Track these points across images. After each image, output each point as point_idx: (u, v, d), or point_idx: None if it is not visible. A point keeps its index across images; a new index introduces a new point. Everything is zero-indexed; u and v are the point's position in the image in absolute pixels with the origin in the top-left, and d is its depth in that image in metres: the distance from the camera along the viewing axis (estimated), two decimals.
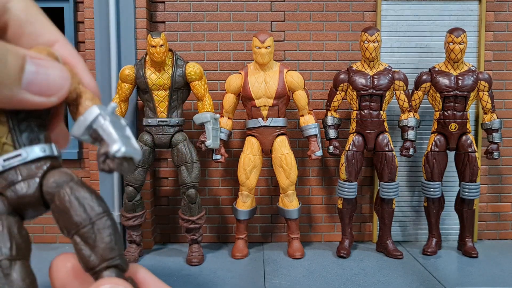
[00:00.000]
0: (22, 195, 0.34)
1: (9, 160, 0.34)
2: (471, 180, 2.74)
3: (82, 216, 0.33)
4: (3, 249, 0.32)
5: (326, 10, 3.00)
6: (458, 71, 2.70)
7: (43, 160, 0.35)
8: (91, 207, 0.33)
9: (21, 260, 0.32)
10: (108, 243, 0.33)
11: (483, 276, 2.48)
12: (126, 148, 0.33)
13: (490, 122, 2.74)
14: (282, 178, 2.71)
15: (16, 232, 0.33)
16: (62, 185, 0.34)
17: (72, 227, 0.33)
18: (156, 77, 2.57)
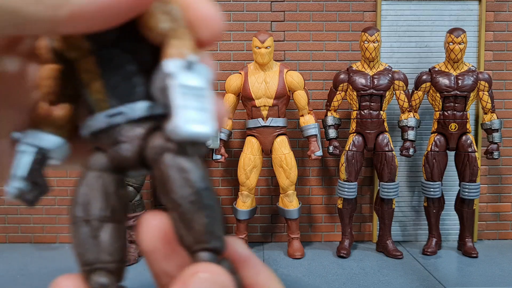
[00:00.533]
0: (124, 157, 0.30)
1: (111, 117, 0.29)
2: (471, 180, 2.74)
3: (179, 193, 0.27)
4: (94, 208, 0.29)
5: (326, 10, 3.00)
6: (458, 71, 2.70)
7: (146, 120, 0.30)
8: (192, 182, 0.28)
9: (114, 222, 0.29)
10: (206, 225, 0.27)
11: (483, 276, 2.48)
12: (185, 128, 0.25)
13: (490, 122, 2.74)
14: (282, 178, 2.71)
15: (113, 192, 0.30)
16: (163, 152, 0.28)
17: (169, 203, 0.28)
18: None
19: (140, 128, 0.29)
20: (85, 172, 0.29)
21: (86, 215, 0.28)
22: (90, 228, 0.28)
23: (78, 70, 0.29)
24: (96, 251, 0.28)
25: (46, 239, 3.07)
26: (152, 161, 0.28)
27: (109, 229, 0.28)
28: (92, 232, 0.28)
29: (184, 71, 0.26)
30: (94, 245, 0.28)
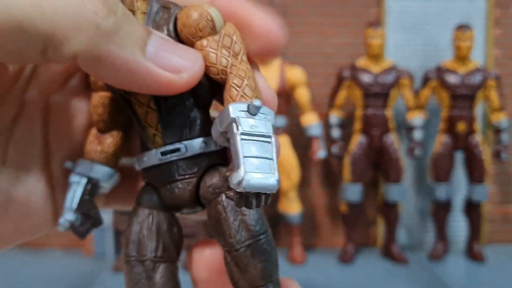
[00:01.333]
0: (178, 196, 0.30)
1: (166, 154, 0.29)
2: (479, 182, 2.68)
3: (235, 236, 0.28)
4: (148, 248, 0.29)
5: (329, 5, 2.96)
6: (465, 69, 2.65)
7: (202, 157, 0.29)
8: (249, 225, 0.28)
9: (167, 262, 0.30)
10: (261, 270, 0.28)
11: (491, 281, 2.44)
12: (250, 180, 0.24)
13: (497, 121, 2.69)
14: (283, 180, 2.63)
15: (166, 230, 0.30)
16: (220, 192, 0.28)
17: (224, 244, 0.29)
18: None
19: (196, 166, 0.29)
20: (137, 208, 0.30)
21: (140, 255, 0.29)
22: (143, 268, 0.29)
23: (133, 102, 0.29)
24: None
25: (37, 244, 2.99)
26: (208, 200, 0.29)
27: (162, 269, 0.29)
28: (146, 273, 0.29)
29: (247, 116, 0.25)
30: (148, 286, 0.29)
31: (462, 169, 2.80)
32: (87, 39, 0.23)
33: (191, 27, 0.27)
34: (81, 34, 0.23)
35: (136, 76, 0.25)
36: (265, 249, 0.28)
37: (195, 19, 0.27)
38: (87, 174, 0.31)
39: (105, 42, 0.24)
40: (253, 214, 0.29)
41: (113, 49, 0.24)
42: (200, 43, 0.27)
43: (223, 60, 0.27)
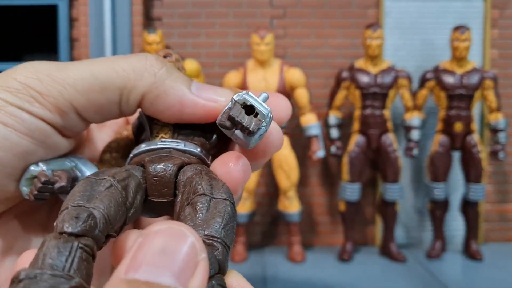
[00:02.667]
0: (162, 172, 0.32)
1: (166, 142, 0.34)
2: (476, 181, 2.69)
3: (205, 188, 0.29)
4: (116, 177, 0.29)
5: (327, 6, 2.96)
6: (463, 69, 2.66)
7: (191, 155, 0.34)
8: (218, 189, 0.29)
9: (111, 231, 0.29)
10: (217, 223, 0.27)
11: (488, 280, 2.44)
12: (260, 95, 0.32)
13: (495, 122, 2.69)
14: (282, 180, 2.64)
15: (125, 204, 0.29)
16: (195, 176, 0.31)
17: (189, 195, 0.29)
18: None
19: (184, 158, 0.33)
20: (120, 171, 0.30)
21: (98, 175, 0.29)
22: (96, 183, 0.28)
23: (152, 124, 0.36)
24: (93, 200, 0.27)
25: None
26: (184, 184, 0.31)
27: (113, 189, 0.28)
28: (98, 187, 0.28)
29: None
30: (93, 195, 0.27)
31: (459, 169, 2.80)
32: (148, 83, 0.32)
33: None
34: (143, 80, 0.32)
35: (185, 107, 0.33)
36: (228, 211, 0.28)
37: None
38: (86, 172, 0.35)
39: (161, 84, 0.33)
40: (223, 185, 0.30)
41: (168, 88, 0.33)
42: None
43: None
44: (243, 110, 0.31)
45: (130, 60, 0.33)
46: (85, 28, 2.80)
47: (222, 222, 0.27)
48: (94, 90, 0.32)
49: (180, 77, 0.34)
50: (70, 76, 0.31)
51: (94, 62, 0.33)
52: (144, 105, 0.33)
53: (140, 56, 0.34)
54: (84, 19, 2.80)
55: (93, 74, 0.32)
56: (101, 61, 0.33)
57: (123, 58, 0.33)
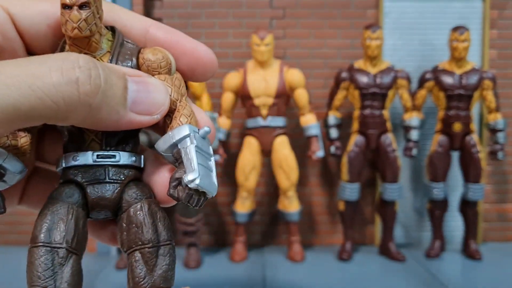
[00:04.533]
0: (103, 197, 0.33)
1: (102, 158, 0.34)
2: (475, 181, 2.69)
3: (151, 236, 0.32)
4: (65, 238, 0.31)
5: (327, 7, 2.96)
6: (462, 70, 2.66)
7: (130, 168, 0.35)
8: (162, 230, 0.33)
9: (77, 255, 0.32)
10: (165, 272, 0.33)
11: (488, 279, 2.43)
12: (201, 181, 0.31)
13: (494, 122, 2.70)
14: (282, 180, 2.64)
15: (81, 227, 0.32)
16: (142, 199, 0.34)
17: (137, 243, 0.33)
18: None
19: (123, 175, 0.34)
20: (54, 202, 0.32)
21: (55, 243, 0.30)
22: (56, 256, 0.30)
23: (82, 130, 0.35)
24: (59, 279, 0.30)
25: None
26: (129, 204, 0.33)
27: (73, 261, 0.31)
28: (58, 260, 0.30)
29: (198, 137, 0.32)
30: (58, 274, 0.30)
31: (458, 169, 2.80)
32: (82, 116, 0.30)
33: (154, 63, 0.35)
34: (77, 113, 0.29)
35: (122, 126, 0.32)
36: (172, 254, 0.33)
37: (159, 58, 0.35)
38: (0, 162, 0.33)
39: (97, 113, 0.30)
40: (165, 222, 0.34)
41: (103, 115, 0.31)
42: (158, 77, 0.35)
43: (174, 94, 0.34)
44: (190, 196, 0.32)
45: (57, 83, 0.28)
46: None
47: (168, 269, 0.33)
48: (17, 121, 0.27)
49: (115, 94, 0.31)
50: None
51: (14, 82, 0.27)
52: (78, 125, 0.32)
53: (68, 74, 0.28)
54: None
55: (15, 106, 0.26)
56: (20, 80, 0.27)
57: (46, 75, 0.28)
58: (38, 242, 0.31)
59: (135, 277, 0.32)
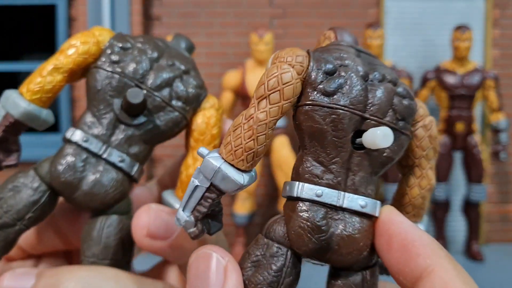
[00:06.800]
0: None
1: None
2: (477, 181, 2.68)
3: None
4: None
5: (328, 6, 2.95)
6: (464, 69, 2.65)
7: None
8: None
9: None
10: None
11: (490, 280, 2.44)
12: (182, 219, 0.30)
13: (496, 122, 2.68)
14: (282, 180, 2.63)
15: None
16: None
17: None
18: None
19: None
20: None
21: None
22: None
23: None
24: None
25: None
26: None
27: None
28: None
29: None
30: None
31: (461, 169, 2.79)
32: None
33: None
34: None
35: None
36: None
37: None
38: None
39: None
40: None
41: None
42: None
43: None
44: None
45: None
46: (84, 28, 2.78)
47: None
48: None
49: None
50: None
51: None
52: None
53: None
54: (83, 19, 2.78)
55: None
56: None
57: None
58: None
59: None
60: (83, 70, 0.39)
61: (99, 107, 0.37)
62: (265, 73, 0.29)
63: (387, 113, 0.29)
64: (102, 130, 0.37)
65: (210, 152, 0.29)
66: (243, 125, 0.29)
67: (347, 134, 0.29)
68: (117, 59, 0.38)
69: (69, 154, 0.36)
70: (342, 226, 0.29)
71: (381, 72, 0.31)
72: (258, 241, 0.31)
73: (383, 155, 0.30)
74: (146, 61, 0.38)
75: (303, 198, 0.29)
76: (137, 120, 0.37)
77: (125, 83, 0.37)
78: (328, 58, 0.30)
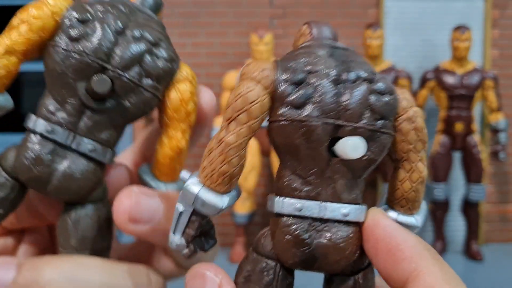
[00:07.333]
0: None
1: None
2: (476, 181, 2.68)
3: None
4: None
5: (327, 6, 2.95)
6: (463, 69, 2.65)
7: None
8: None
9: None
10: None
11: (489, 280, 2.43)
12: (173, 243, 0.31)
13: (495, 122, 2.69)
14: None
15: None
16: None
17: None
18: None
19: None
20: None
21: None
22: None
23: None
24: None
25: None
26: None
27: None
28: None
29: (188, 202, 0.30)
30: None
31: (460, 169, 2.79)
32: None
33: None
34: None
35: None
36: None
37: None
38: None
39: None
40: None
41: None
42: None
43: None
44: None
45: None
46: None
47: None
48: None
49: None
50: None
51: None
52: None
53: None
54: None
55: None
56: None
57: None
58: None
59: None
60: (39, 47, 0.34)
61: (61, 92, 0.33)
62: (232, 93, 0.29)
63: (363, 115, 0.28)
64: (67, 117, 0.33)
65: (190, 177, 0.29)
66: (215, 150, 0.28)
67: (321, 144, 0.28)
68: (77, 34, 0.32)
69: (34, 146, 0.33)
70: (326, 236, 0.28)
71: (355, 71, 0.29)
72: (248, 256, 0.31)
73: (363, 159, 0.29)
74: (109, 35, 0.33)
75: (284, 214, 0.29)
76: (104, 105, 0.33)
77: (87, 64, 0.32)
78: (295, 67, 0.29)
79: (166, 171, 0.37)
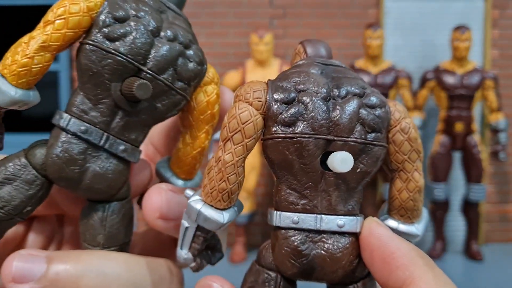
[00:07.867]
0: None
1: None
2: (476, 181, 2.68)
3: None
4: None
5: (328, 6, 2.95)
6: (463, 69, 2.65)
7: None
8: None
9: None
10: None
11: (489, 280, 2.43)
12: (181, 258, 0.33)
13: (495, 122, 2.68)
14: None
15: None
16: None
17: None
18: None
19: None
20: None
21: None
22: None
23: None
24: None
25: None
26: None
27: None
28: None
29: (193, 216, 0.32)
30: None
31: (460, 169, 2.79)
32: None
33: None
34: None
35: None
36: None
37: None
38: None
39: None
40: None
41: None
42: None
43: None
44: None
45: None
46: None
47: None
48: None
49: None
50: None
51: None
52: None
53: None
54: None
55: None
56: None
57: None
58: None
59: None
60: (72, 43, 0.33)
61: (95, 91, 0.33)
62: (227, 114, 0.30)
63: (354, 129, 0.29)
64: (100, 117, 0.33)
65: (192, 195, 0.31)
66: (214, 168, 0.30)
67: (314, 159, 0.29)
68: (113, 34, 0.32)
69: (67, 146, 0.32)
70: (323, 247, 0.29)
71: (345, 87, 0.30)
72: (252, 268, 0.33)
73: (357, 171, 0.29)
74: (145, 35, 0.33)
75: (282, 227, 0.30)
76: (137, 106, 0.33)
77: (124, 65, 0.32)
78: (286, 86, 0.30)
79: (187, 169, 0.38)
